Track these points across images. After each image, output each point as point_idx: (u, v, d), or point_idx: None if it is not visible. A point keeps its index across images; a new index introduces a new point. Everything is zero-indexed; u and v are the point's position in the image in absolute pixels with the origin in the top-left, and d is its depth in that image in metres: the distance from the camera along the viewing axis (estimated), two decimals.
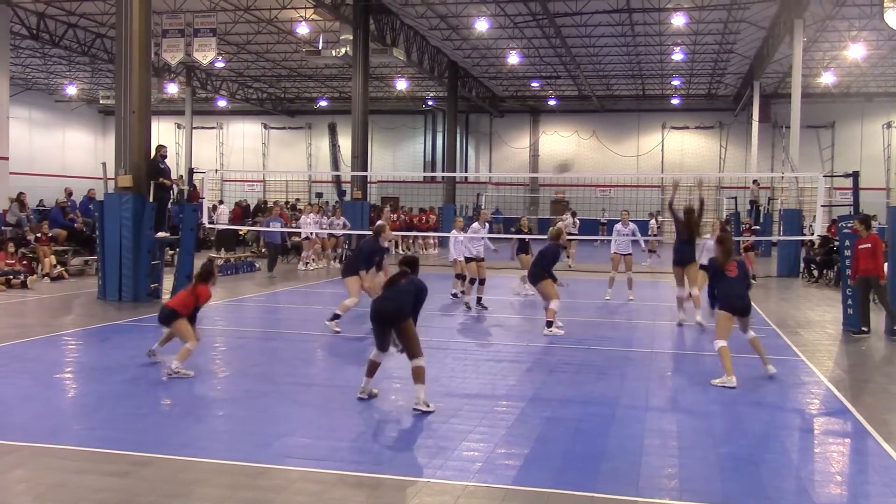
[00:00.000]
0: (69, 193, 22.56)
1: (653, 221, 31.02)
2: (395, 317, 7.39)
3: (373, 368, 7.67)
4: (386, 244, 12.88)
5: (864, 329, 12.21)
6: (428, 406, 7.23)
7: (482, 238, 15.05)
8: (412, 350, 7.39)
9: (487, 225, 15.53)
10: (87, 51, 31.51)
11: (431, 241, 30.21)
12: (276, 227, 20.44)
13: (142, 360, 9.42)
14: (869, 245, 12.05)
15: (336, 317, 11.39)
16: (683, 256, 12.75)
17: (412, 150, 46.94)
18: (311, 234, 21.81)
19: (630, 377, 9.00)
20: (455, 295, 15.45)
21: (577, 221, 30.45)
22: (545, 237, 12.48)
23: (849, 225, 12.95)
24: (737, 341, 9.06)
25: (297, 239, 22.93)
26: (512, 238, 17.10)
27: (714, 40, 30.67)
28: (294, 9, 27.04)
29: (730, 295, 8.88)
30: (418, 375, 7.34)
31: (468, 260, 14.76)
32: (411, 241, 29.38)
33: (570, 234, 29.70)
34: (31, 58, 35.65)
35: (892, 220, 12.69)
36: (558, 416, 7.29)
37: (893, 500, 5.40)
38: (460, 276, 15.20)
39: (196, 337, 8.85)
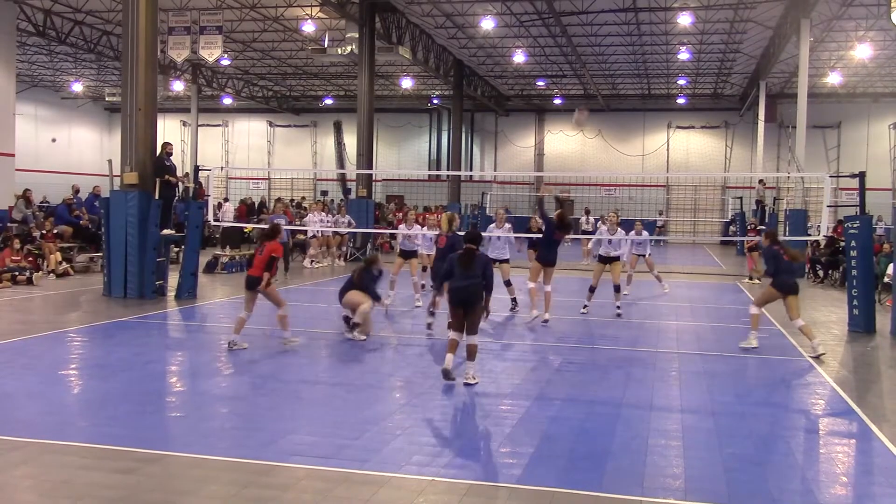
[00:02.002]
0: (76, 190, 22.62)
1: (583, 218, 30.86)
2: (474, 300, 8.33)
3: (454, 346, 8.40)
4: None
5: None
6: (475, 380, 8.27)
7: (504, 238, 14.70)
8: (474, 328, 8.36)
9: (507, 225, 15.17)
10: (94, 48, 31.54)
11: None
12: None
13: (147, 357, 9.45)
14: None
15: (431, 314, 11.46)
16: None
17: (417, 149, 46.95)
18: (317, 231, 21.82)
19: (635, 377, 9.00)
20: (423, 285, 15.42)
21: (593, 220, 30.16)
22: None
23: (855, 225, 12.91)
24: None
25: (302, 237, 22.94)
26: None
27: (720, 40, 30.60)
28: (300, 7, 27.06)
29: (550, 255, 12.32)
30: (472, 353, 8.36)
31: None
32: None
33: (585, 231, 29.73)
34: (37, 55, 35.70)
35: None
36: (563, 415, 7.29)
37: None
38: (424, 268, 15.70)
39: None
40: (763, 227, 27.05)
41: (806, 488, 5.62)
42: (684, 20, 26.07)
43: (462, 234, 11.71)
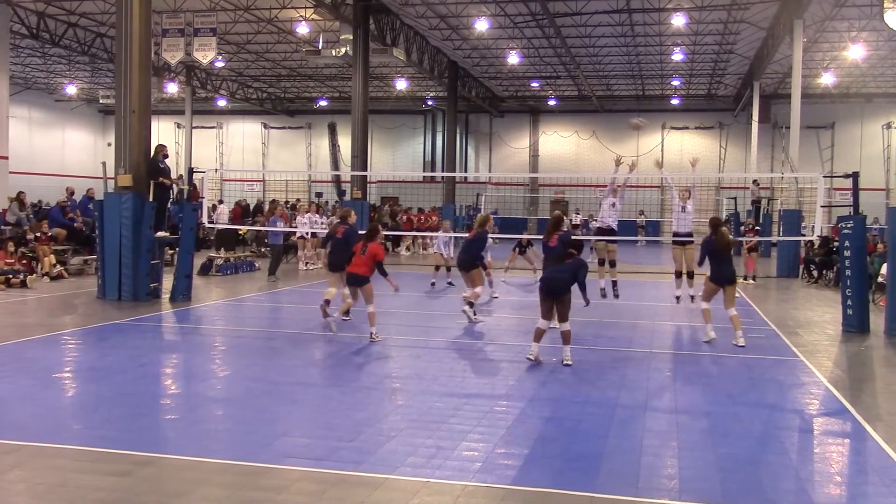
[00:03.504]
0: (71, 192, 22.55)
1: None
2: (561, 289, 9.43)
3: (539, 335, 9.57)
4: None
5: None
6: (570, 361, 9.41)
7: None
8: (564, 316, 9.48)
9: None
10: (87, 50, 31.49)
11: (431, 242, 30.14)
12: (279, 227, 20.23)
13: (141, 360, 9.42)
14: None
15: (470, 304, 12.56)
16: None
17: (412, 150, 46.94)
18: (306, 233, 21.71)
19: (629, 377, 9.01)
20: (433, 284, 17.95)
21: (575, 219, 30.16)
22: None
23: (849, 225, 12.93)
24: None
25: (293, 239, 22.89)
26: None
27: (714, 41, 30.67)
28: (294, 8, 27.03)
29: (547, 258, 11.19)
30: (566, 338, 9.53)
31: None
32: (411, 241, 29.39)
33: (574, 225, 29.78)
34: (31, 57, 35.63)
35: (892, 220, 12.70)
36: (558, 415, 7.30)
37: (892, 501, 5.40)
38: (437, 268, 18.44)
39: (395, 286, 10.93)
40: (760, 227, 27.20)
41: (800, 488, 5.63)
42: (678, 21, 26.13)
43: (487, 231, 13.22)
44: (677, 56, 31.93)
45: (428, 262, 19.59)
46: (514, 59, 32.21)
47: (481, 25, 27.49)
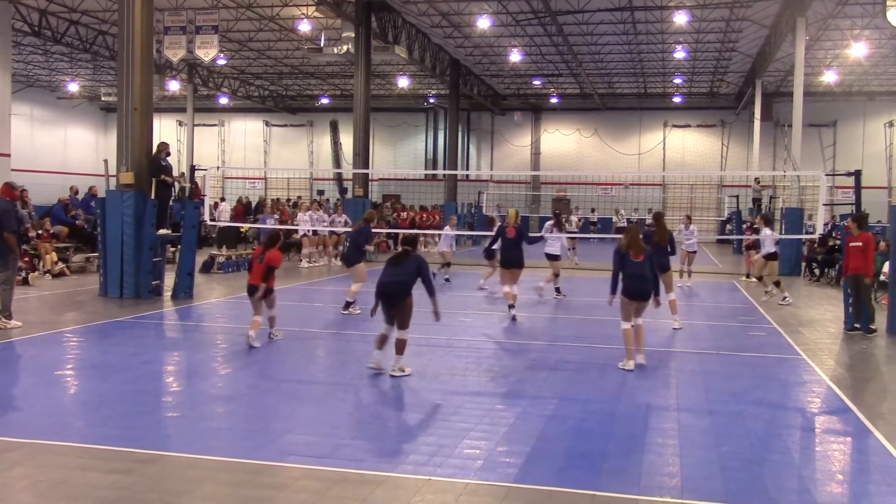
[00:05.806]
0: (75, 192, 22.55)
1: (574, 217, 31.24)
2: (397, 295, 8.36)
3: (382, 341, 8.60)
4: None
5: (857, 325, 12.25)
6: (404, 371, 8.47)
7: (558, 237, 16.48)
8: (404, 323, 8.44)
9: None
10: (89, 48, 31.50)
11: (433, 240, 30.13)
12: (269, 225, 20.22)
13: (143, 358, 9.43)
14: (860, 243, 12.12)
15: (348, 304, 12.73)
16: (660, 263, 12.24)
17: (414, 148, 46.97)
18: (308, 231, 21.72)
19: (631, 375, 9.00)
20: (434, 275, 18.09)
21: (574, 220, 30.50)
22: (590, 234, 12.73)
23: (846, 223, 12.95)
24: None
25: (295, 237, 22.90)
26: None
27: (716, 38, 30.65)
28: (296, 6, 27.04)
29: (633, 275, 9.32)
30: (401, 347, 8.47)
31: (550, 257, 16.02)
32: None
33: (569, 231, 29.86)
34: (33, 55, 35.66)
35: (894, 218, 12.70)
36: (560, 414, 7.29)
37: (895, 500, 5.40)
38: (445, 265, 18.41)
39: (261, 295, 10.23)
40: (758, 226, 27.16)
41: (802, 487, 5.63)
42: (680, 19, 26.13)
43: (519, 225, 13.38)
44: (679, 54, 31.92)
45: (432, 259, 19.49)
46: (515, 56, 32.19)
47: (483, 23, 27.48)
